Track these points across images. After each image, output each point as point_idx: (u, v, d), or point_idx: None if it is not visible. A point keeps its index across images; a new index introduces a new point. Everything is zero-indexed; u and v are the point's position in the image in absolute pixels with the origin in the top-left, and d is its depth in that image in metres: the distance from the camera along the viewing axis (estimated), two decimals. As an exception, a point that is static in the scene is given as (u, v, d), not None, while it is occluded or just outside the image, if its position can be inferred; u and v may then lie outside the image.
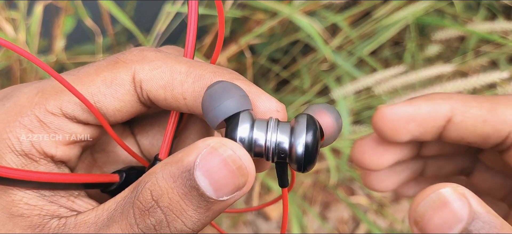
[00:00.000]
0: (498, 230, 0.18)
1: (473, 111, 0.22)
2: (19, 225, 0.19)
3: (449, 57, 0.82)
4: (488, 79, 0.51)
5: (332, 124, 0.20)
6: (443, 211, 0.18)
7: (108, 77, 0.20)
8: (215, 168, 0.17)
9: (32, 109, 0.20)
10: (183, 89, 0.20)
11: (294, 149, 0.18)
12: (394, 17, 0.71)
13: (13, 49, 0.19)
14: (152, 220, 0.17)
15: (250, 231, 0.83)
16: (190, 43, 0.22)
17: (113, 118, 0.21)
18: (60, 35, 0.68)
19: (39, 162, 0.20)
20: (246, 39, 0.71)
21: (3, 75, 0.71)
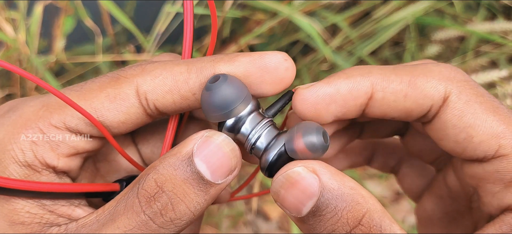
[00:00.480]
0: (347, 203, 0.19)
1: (394, 85, 0.21)
2: (19, 233, 0.20)
3: (449, 57, 0.82)
4: (487, 78, 0.51)
5: (303, 148, 0.20)
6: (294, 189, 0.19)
7: (111, 93, 0.21)
8: (211, 152, 0.19)
9: (37, 123, 0.21)
10: (190, 86, 0.21)
11: (263, 159, 0.20)
12: (394, 17, 0.71)
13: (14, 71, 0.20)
14: (158, 205, 0.19)
15: (250, 231, 0.83)
16: (187, 45, 0.23)
17: (117, 130, 0.22)
18: (60, 36, 0.68)
19: (42, 173, 0.21)
20: (246, 39, 0.71)
21: (3, 76, 0.71)
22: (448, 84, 0.21)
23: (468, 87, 0.21)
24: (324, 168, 0.19)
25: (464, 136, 0.21)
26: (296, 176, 0.19)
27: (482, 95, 0.21)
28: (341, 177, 0.19)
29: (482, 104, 0.21)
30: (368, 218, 0.19)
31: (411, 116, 0.22)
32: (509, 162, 0.20)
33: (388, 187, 0.98)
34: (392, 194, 0.97)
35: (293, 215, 0.19)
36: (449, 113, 0.21)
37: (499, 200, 0.21)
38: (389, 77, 0.21)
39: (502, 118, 0.20)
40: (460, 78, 0.21)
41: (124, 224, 0.19)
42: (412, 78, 0.21)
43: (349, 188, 0.19)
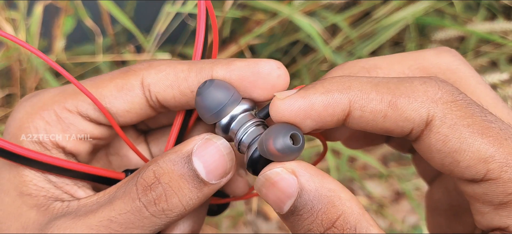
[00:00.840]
0: (323, 205, 0.19)
1: (372, 105, 0.20)
2: (27, 203, 0.22)
3: (449, 57, 0.82)
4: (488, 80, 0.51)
5: (275, 152, 0.20)
6: (274, 189, 0.20)
7: (119, 83, 0.23)
8: (209, 153, 0.21)
9: (53, 106, 0.23)
10: (189, 83, 0.23)
11: (246, 156, 0.22)
12: (394, 17, 0.71)
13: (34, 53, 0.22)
14: (153, 194, 0.20)
15: (250, 231, 0.83)
16: (199, 46, 0.24)
17: (123, 119, 0.24)
18: (60, 36, 0.68)
19: (51, 152, 0.23)
20: (246, 39, 0.71)
21: (3, 76, 0.71)
22: (431, 107, 0.20)
23: (455, 108, 0.20)
24: (303, 169, 0.19)
25: (450, 160, 0.20)
26: (275, 176, 0.20)
27: (471, 115, 0.20)
28: (321, 178, 0.19)
29: (469, 126, 0.19)
30: (342, 221, 0.19)
31: (392, 134, 0.21)
32: (498, 186, 0.19)
33: (388, 187, 0.98)
34: (392, 194, 0.97)
35: (277, 211, 0.20)
36: (432, 138, 0.20)
37: (488, 221, 0.21)
38: (369, 95, 0.20)
39: (491, 139, 0.19)
40: (447, 98, 0.20)
41: (119, 207, 0.21)
42: (393, 99, 0.20)
43: (327, 190, 0.19)
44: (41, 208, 0.22)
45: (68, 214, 0.21)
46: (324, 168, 0.87)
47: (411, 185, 0.91)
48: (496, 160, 0.19)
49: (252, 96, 0.22)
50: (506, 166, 0.19)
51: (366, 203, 0.92)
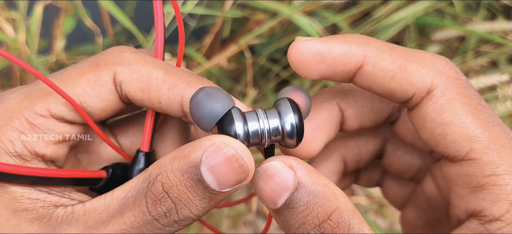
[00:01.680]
0: (319, 199, 0.19)
1: (384, 64, 0.21)
2: (24, 219, 0.20)
3: (449, 57, 0.82)
4: (488, 81, 0.51)
5: (304, 100, 0.22)
6: (271, 181, 0.20)
7: (91, 79, 0.22)
8: (219, 165, 0.19)
9: (22, 113, 0.21)
10: (159, 94, 0.22)
11: (287, 126, 0.21)
12: (394, 17, 0.71)
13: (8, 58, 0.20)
14: (163, 208, 0.19)
15: (250, 231, 0.83)
16: (159, 44, 0.24)
17: (98, 116, 0.23)
18: (60, 36, 0.68)
19: (31, 162, 0.21)
20: (246, 39, 0.71)
21: (3, 75, 0.71)
22: (436, 77, 0.21)
23: (457, 85, 0.21)
24: (300, 165, 0.20)
25: (439, 131, 0.21)
26: (273, 169, 0.20)
27: (468, 95, 0.21)
28: (316, 175, 0.20)
29: (464, 105, 0.21)
30: (337, 215, 0.19)
31: (393, 97, 0.22)
32: (477, 166, 0.20)
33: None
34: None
35: (270, 206, 0.20)
36: (430, 106, 0.21)
37: (466, 204, 0.21)
38: (383, 55, 0.21)
39: (480, 122, 0.20)
40: (451, 74, 0.21)
41: (131, 220, 0.20)
42: (404, 62, 0.21)
43: (322, 186, 0.20)
44: (43, 220, 0.20)
45: (75, 221, 0.20)
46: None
47: (411, 185, 0.91)
48: (480, 141, 0.20)
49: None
50: (488, 148, 0.20)
51: (366, 203, 0.92)
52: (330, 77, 0.23)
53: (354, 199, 0.92)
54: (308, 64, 0.22)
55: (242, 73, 0.79)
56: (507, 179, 0.20)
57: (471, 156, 0.20)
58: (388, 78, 0.21)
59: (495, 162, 0.20)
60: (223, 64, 0.72)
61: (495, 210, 0.20)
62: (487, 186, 0.20)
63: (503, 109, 0.55)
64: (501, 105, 0.54)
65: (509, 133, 0.21)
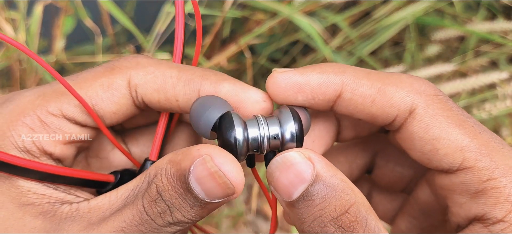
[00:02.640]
0: (337, 193, 0.19)
1: (363, 89, 0.22)
2: (29, 213, 0.21)
3: (449, 57, 0.83)
4: (488, 79, 0.51)
5: (305, 117, 0.22)
6: (289, 172, 0.20)
7: (105, 82, 0.22)
8: (205, 178, 0.19)
9: (34, 110, 0.21)
10: (175, 92, 0.22)
11: (287, 134, 0.21)
12: (394, 17, 0.71)
13: (22, 49, 0.21)
14: (158, 209, 0.20)
15: (250, 231, 0.83)
16: (178, 48, 0.24)
17: (110, 120, 0.23)
18: (60, 36, 0.68)
19: (40, 159, 0.22)
20: (246, 39, 0.71)
21: (3, 76, 0.71)
22: (416, 97, 0.21)
23: (437, 101, 0.21)
24: (319, 157, 0.20)
25: (430, 148, 0.21)
26: (292, 160, 0.20)
27: (449, 109, 0.21)
28: (334, 169, 0.20)
29: (448, 118, 0.21)
30: (356, 209, 0.19)
31: (376, 121, 0.22)
32: (474, 174, 0.21)
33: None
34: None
35: (284, 199, 0.20)
36: (415, 125, 0.21)
37: (466, 211, 0.22)
38: (361, 80, 0.22)
39: (467, 131, 0.21)
40: (430, 92, 0.22)
41: (129, 218, 0.20)
42: (382, 86, 0.22)
43: (340, 180, 0.20)
44: (47, 215, 0.21)
45: (79, 218, 0.20)
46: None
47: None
48: (471, 150, 0.21)
49: None
50: (480, 155, 0.21)
51: (366, 203, 0.91)
52: (310, 106, 0.23)
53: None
54: (287, 96, 0.22)
55: (242, 73, 0.79)
56: (504, 181, 0.20)
57: (465, 165, 0.21)
58: (368, 103, 0.22)
59: (489, 167, 0.20)
60: (223, 64, 0.72)
61: (497, 213, 0.20)
62: (486, 191, 0.21)
63: (503, 107, 0.55)
64: (500, 104, 0.54)
65: (496, 137, 0.22)
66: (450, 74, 0.64)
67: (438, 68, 0.58)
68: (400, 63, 0.67)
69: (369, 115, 0.22)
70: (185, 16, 0.24)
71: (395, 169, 0.28)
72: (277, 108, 0.22)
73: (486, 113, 0.56)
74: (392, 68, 0.60)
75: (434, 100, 0.21)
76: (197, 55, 0.24)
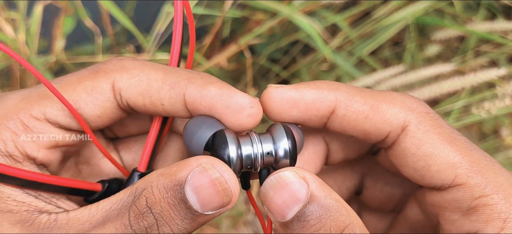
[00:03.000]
0: (332, 213, 0.19)
1: (356, 106, 0.22)
2: (7, 220, 0.20)
3: (448, 57, 0.83)
4: (486, 77, 0.51)
5: (298, 135, 0.22)
6: (283, 192, 0.19)
7: (89, 85, 0.22)
8: (203, 186, 0.19)
9: (17, 114, 0.21)
10: (160, 96, 0.22)
11: (280, 151, 0.21)
12: (394, 17, 0.71)
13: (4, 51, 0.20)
14: (145, 223, 0.19)
15: (250, 231, 0.83)
16: (175, 51, 0.23)
17: (94, 124, 0.22)
18: (60, 36, 0.68)
19: (23, 164, 0.21)
20: (245, 39, 0.71)
21: (3, 76, 0.71)
22: (408, 114, 0.22)
23: (428, 118, 0.22)
24: (313, 177, 0.20)
25: (422, 164, 0.21)
26: (287, 179, 0.20)
27: (441, 126, 0.22)
28: (328, 189, 0.20)
29: (440, 135, 0.21)
30: (350, 230, 0.19)
31: (369, 138, 0.23)
32: (466, 191, 0.21)
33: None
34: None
35: (278, 219, 0.20)
36: (408, 142, 0.22)
37: (458, 228, 0.22)
38: (354, 97, 0.22)
39: (458, 148, 0.21)
40: (422, 110, 0.22)
41: (111, 232, 0.19)
42: (375, 103, 0.22)
43: (334, 200, 0.20)
44: (25, 224, 0.20)
45: (56, 229, 0.20)
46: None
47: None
48: (463, 166, 0.21)
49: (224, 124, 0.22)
50: (471, 172, 0.21)
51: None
52: (304, 122, 0.23)
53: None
54: (281, 111, 0.22)
55: (242, 73, 0.79)
56: (496, 198, 0.20)
57: (457, 182, 0.21)
58: (361, 120, 0.22)
59: (481, 184, 0.21)
60: (223, 64, 0.72)
61: (489, 229, 0.20)
62: (478, 208, 0.21)
63: (502, 106, 0.55)
64: (500, 103, 0.54)
65: (486, 155, 0.22)
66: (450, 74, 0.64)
67: (438, 68, 0.58)
68: (400, 63, 0.67)
69: (362, 132, 0.22)
70: (183, 17, 0.23)
71: (384, 189, 0.28)
72: (271, 126, 0.22)
73: (485, 113, 0.56)
74: (392, 68, 0.59)
75: (425, 118, 0.22)
76: (191, 58, 0.24)
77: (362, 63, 0.83)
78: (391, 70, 0.59)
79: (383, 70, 0.59)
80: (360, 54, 0.74)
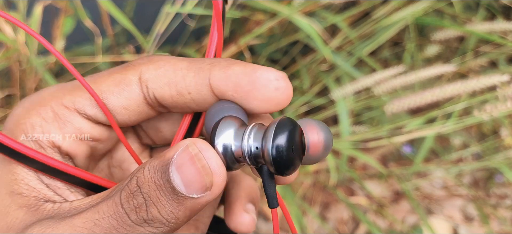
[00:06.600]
0: None
1: None
2: (16, 202, 0.21)
3: (448, 57, 0.83)
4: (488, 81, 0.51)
5: (318, 141, 0.19)
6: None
7: (117, 77, 0.22)
8: (185, 165, 0.19)
9: (50, 102, 0.22)
10: (186, 83, 0.21)
11: (266, 152, 0.18)
12: (394, 18, 0.71)
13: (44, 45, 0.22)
14: (135, 202, 0.19)
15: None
16: (213, 46, 0.23)
17: (121, 116, 0.23)
18: (60, 36, 0.68)
19: (47, 150, 0.22)
20: (245, 39, 0.71)
21: (3, 76, 0.71)
22: None
23: None
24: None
25: None
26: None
27: None
28: None
29: None
30: None
31: None
32: None
33: (387, 187, 0.98)
34: (392, 194, 0.97)
35: None
36: None
37: None
38: None
39: None
40: None
41: (103, 210, 0.19)
42: None
43: None
44: (30, 209, 0.21)
45: (57, 215, 0.20)
46: (324, 168, 0.86)
47: (411, 185, 0.91)
48: None
49: (249, 108, 0.21)
50: None
51: (365, 203, 0.92)
52: None
53: (354, 199, 0.92)
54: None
55: (241, 73, 0.79)
56: None
57: None
58: None
59: None
60: (223, 64, 0.72)
61: None
62: None
63: (503, 109, 0.55)
64: (501, 105, 0.54)
65: None
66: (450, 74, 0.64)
67: (438, 69, 0.58)
68: (399, 63, 0.67)
69: None
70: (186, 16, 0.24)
71: None
72: (276, 118, 0.20)
73: (487, 115, 0.56)
74: (392, 69, 0.60)
75: None
76: (220, 52, 0.24)
77: (362, 64, 0.83)
78: (391, 70, 0.59)
79: (383, 71, 0.59)
80: (359, 54, 0.74)
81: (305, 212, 0.85)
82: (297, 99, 0.77)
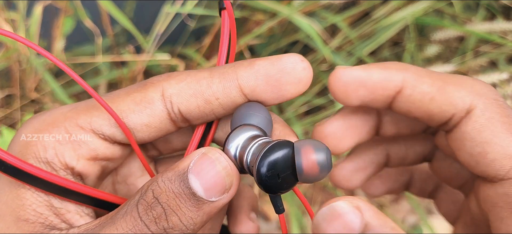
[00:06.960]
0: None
1: (424, 87, 0.22)
2: (22, 229, 0.20)
3: (448, 57, 0.83)
4: (488, 80, 0.51)
5: (313, 164, 0.19)
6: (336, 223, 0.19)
7: (137, 96, 0.22)
8: (205, 170, 0.19)
9: (64, 122, 0.21)
10: (213, 90, 0.21)
11: (254, 175, 0.19)
12: (394, 18, 0.71)
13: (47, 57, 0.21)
14: (154, 213, 0.19)
15: None
16: (224, 52, 0.23)
17: (141, 134, 0.22)
18: (60, 36, 0.68)
19: (59, 172, 0.21)
20: (245, 39, 0.71)
21: (3, 76, 0.71)
22: (475, 98, 0.21)
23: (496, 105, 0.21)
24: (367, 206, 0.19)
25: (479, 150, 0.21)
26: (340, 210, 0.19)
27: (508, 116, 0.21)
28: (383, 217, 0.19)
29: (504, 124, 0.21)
30: None
31: (432, 120, 0.22)
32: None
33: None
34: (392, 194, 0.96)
35: None
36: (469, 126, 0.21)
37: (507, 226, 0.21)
38: (422, 78, 0.22)
39: None
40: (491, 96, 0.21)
41: (122, 226, 0.19)
42: (443, 85, 0.22)
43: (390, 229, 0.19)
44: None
45: None
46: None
47: (411, 185, 0.91)
48: None
49: (281, 95, 0.22)
50: None
51: (365, 203, 0.91)
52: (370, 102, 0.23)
53: (354, 199, 0.92)
54: (348, 90, 0.22)
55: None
56: None
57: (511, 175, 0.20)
58: (427, 100, 0.22)
59: None
60: (223, 64, 0.72)
61: None
62: None
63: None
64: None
65: None
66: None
67: (438, 69, 0.58)
68: (399, 63, 0.67)
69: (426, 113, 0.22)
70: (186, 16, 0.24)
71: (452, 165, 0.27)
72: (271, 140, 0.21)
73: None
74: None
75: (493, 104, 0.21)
76: (233, 53, 0.24)
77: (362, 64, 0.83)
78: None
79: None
80: (359, 54, 0.74)
81: (305, 212, 0.85)
82: (297, 99, 0.77)
